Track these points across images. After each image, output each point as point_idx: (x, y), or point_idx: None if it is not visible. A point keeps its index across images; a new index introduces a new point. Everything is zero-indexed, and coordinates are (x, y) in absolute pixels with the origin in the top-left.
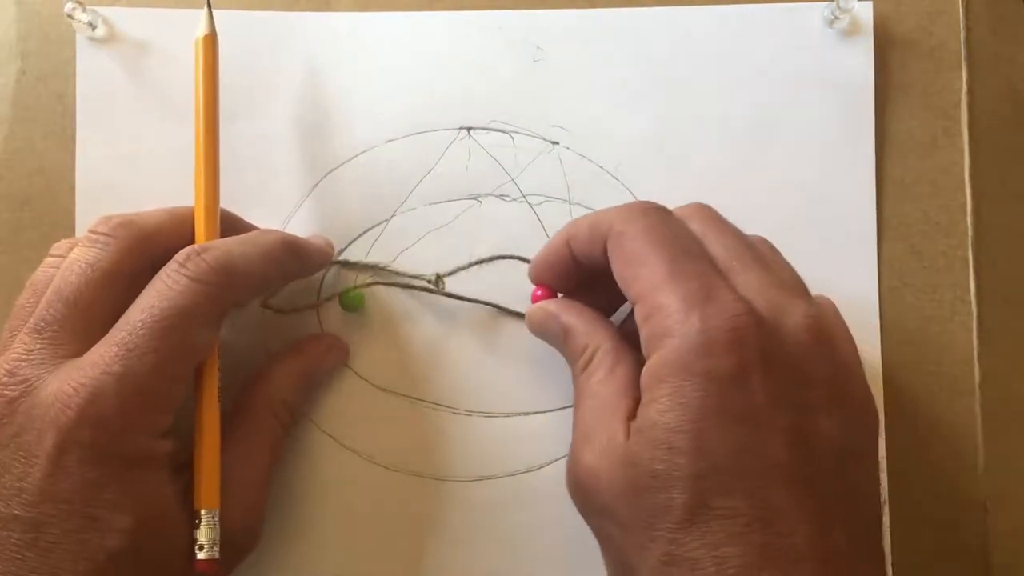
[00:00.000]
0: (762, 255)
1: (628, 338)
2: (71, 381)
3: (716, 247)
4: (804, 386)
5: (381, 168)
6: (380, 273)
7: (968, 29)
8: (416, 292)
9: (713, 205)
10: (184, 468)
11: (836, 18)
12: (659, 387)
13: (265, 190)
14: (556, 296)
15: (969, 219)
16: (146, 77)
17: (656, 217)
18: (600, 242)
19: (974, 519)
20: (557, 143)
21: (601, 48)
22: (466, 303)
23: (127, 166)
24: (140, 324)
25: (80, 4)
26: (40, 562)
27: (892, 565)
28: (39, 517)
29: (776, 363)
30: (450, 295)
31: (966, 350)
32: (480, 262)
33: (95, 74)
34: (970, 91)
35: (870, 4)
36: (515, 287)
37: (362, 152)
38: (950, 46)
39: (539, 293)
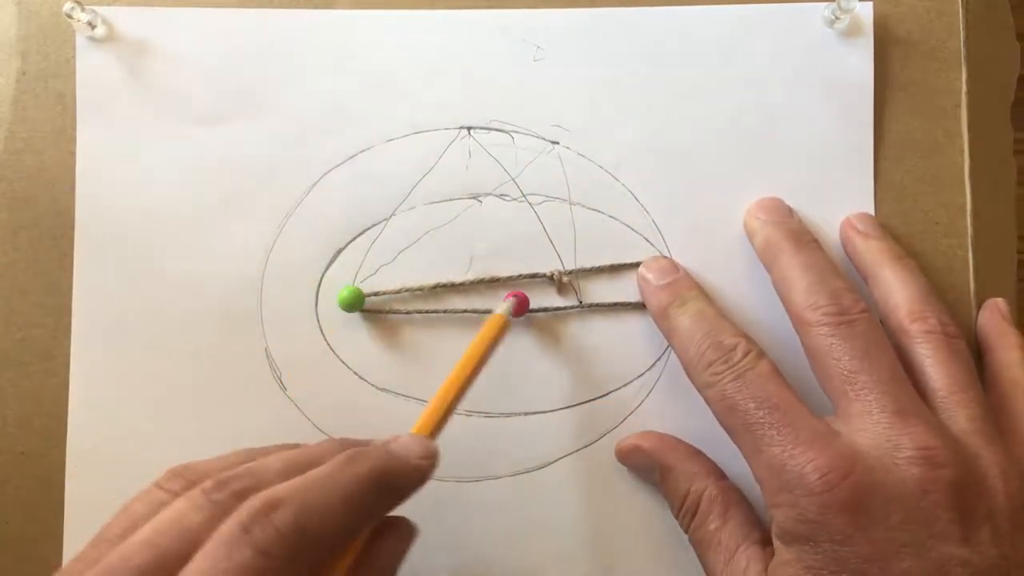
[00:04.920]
0: (879, 367)
1: None
2: None
3: (833, 369)
4: (919, 523)
5: (381, 167)
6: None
7: (968, 29)
8: (416, 292)
9: (712, 205)
10: None
11: (836, 18)
12: (785, 551)
13: (264, 189)
14: (527, 299)
15: (969, 219)
16: (146, 77)
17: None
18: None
19: None
20: (557, 143)
21: (601, 48)
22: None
23: (127, 166)
24: None
25: (79, 4)
26: None
27: None
28: None
29: (878, 507)
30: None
31: None
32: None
33: (95, 74)
34: (970, 91)
35: (870, 4)
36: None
37: (362, 151)
38: (950, 46)
39: (511, 298)
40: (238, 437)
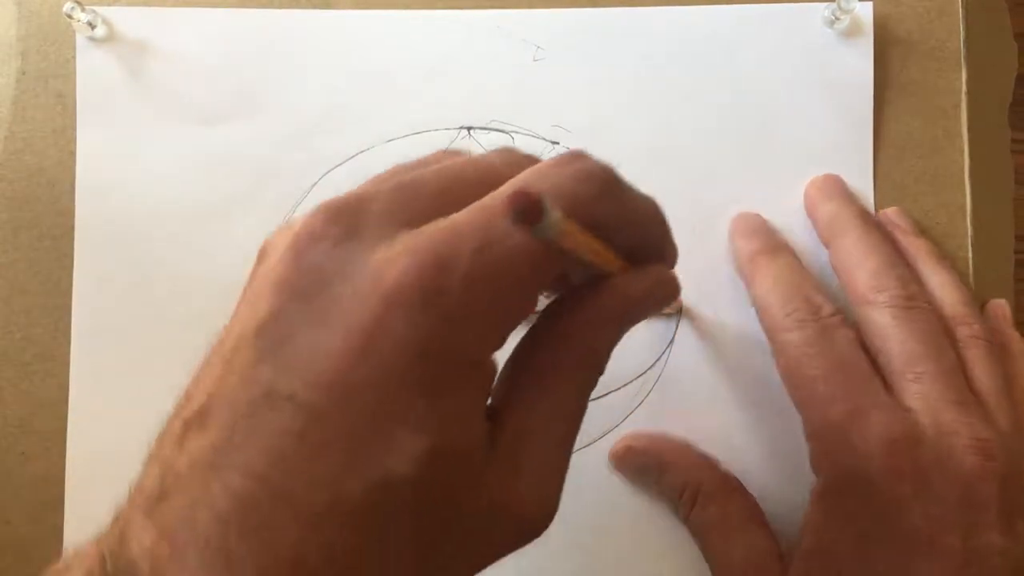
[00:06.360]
0: (942, 356)
1: None
2: (408, 240)
3: (896, 348)
4: (971, 507)
5: (381, 168)
6: None
7: (968, 29)
8: None
9: (712, 205)
10: (491, 413)
11: (836, 18)
12: (824, 515)
13: (264, 189)
14: None
15: (969, 219)
16: (146, 76)
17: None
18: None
19: None
20: (557, 143)
21: (601, 48)
22: None
23: (127, 166)
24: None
25: (79, 4)
26: (301, 463)
27: None
28: (319, 404)
29: (938, 485)
30: None
31: None
32: None
33: (95, 74)
34: (970, 91)
35: (870, 4)
36: None
37: (362, 151)
38: (950, 46)
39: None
40: None
